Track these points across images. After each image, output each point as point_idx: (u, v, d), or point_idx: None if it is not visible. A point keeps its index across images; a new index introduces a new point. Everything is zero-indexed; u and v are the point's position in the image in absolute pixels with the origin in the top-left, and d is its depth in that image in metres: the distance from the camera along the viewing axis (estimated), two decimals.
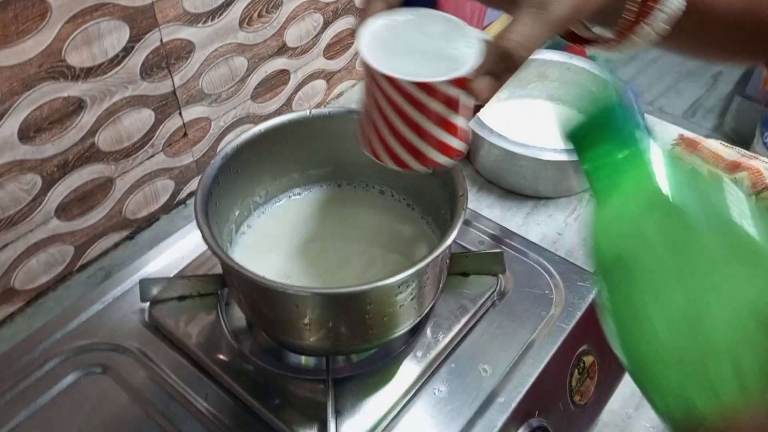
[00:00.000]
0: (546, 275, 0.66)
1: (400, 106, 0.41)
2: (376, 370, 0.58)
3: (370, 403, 0.56)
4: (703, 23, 0.45)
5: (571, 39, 0.48)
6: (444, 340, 0.60)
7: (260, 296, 0.52)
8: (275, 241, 0.60)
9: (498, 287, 0.64)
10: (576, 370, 0.62)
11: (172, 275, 0.65)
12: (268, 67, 0.83)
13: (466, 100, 0.41)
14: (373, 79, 0.41)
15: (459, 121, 0.43)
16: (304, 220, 0.62)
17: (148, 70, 0.69)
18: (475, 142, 0.87)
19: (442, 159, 0.44)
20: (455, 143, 0.44)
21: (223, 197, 0.57)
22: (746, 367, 0.27)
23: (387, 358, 0.59)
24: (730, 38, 0.47)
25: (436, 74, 0.39)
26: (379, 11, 0.42)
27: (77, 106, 0.65)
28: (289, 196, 0.65)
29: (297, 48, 0.86)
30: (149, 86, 0.70)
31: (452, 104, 0.41)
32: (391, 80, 0.40)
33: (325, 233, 0.61)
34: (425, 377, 0.58)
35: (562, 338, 0.61)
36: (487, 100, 0.40)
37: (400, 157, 0.44)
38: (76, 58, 0.62)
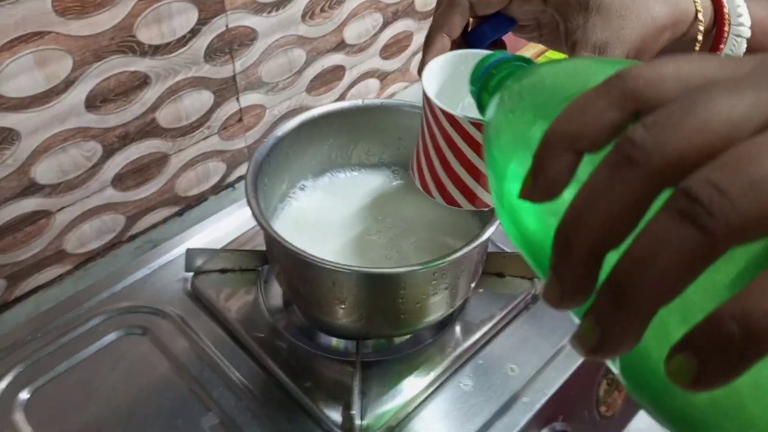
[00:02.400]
0: None
1: (458, 145, 0.42)
2: (404, 358, 0.59)
3: (396, 389, 0.57)
4: None
5: None
6: (474, 337, 0.61)
7: (299, 271, 0.53)
8: (319, 220, 0.62)
9: (533, 291, 0.65)
10: (605, 381, 0.62)
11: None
12: (325, 62, 0.86)
13: None
14: (433, 115, 0.42)
15: None
16: (352, 201, 0.64)
17: (211, 54, 0.72)
18: None
19: (491, 201, 0.44)
20: None
21: (272, 175, 0.59)
22: None
23: (416, 347, 0.60)
24: None
25: None
26: (442, 49, 0.43)
27: (142, 81, 0.68)
28: (338, 178, 0.66)
29: (355, 45, 0.88)
30: (211, 69, 0.73)
31: None
32: (450, 118, 0.41)
33: (370, 215, 0.63)
34: (452, 370, 0.59)
35: None
36: None
37: (452, 195, 0.45)
38: (146, 35, 0.65)
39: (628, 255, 0.18)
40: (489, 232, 0.51)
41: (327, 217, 0.62)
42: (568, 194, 0.23)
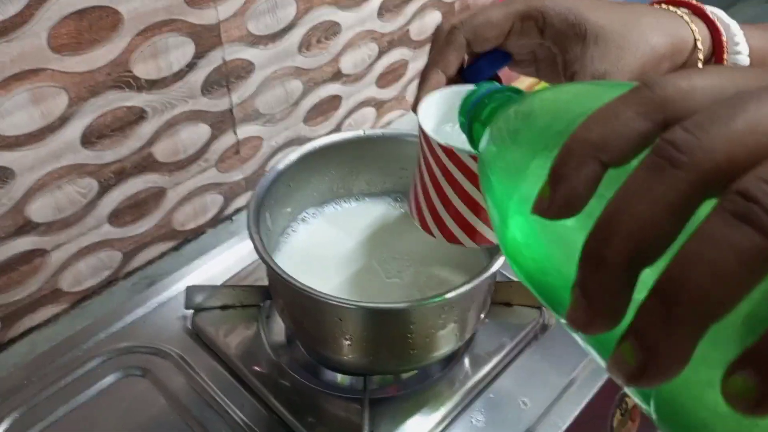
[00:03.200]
0: None
1: (457, 180, 0.41)
2: (413, 394, 0.58)
3: (406, 427, 0.55)
4: None
5: None
6: (484, 369, 0.59)
7: (304, 307, 0.52)
8: (322, 253, 0.60)
9: (542, 320, 0.63)
10: (618, 411, 0.61)
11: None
12: (322, 92, 0.85)
13: None
14: (431, 150, 0.41)
15: None
16: (354, 232, 0.63)
17: (208, 87, 0.71)
18: None
19: (493, 237, 0.43)
20: None
21: (273, 208, 0.58)
22: None
23: (425, 382, 0.59)
24: None
25: None
26: (437, 85, 0.42)
27: (139, 116, 0.67)
28: (340, 208, 0.65)
29: (351, 75, 0.88)
30: (208, 102, 0.72)
31: None
32: (448, 152, 0.40)
33: (374, 247, 0.62)
34: (463, 405, 0.57)
35: (605, 376, 0.60)
36: None
37: (453, 233, 0.44)
38: (143, 70, 0.65)
39: (678, 262, 0.16)
40: (499, 263, 0.50)
41: (330, 250, 0.61)
42: (574, 221, 0.21)
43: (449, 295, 0.47)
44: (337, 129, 0.91)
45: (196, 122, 0.72)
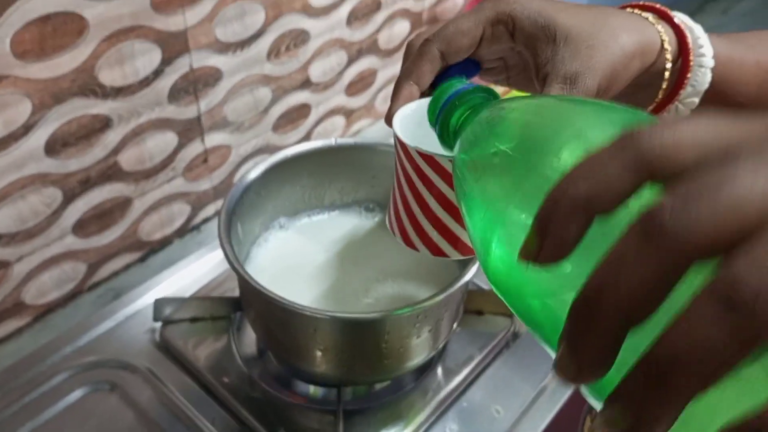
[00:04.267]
0: None
1: (437, 186, 0.40)
2: (387, 405, 0.57)
3: None
4: (721, 103, 0.45)
5: None
6: (457, 379, 0.59)
7: (278, 318, 0.51)
8: (294, 263, 0.60)
9: (513, 328, 0.64)
10: (589, 417, 0.61)
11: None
12: (291, 100, 0.85)
13: None
14: (409, 158, 0.40)
15: None
16: (326, 243, 0.62)
17: (175, 94, 0.70)
18: None
19: None
20: None
21: (244, 218, 0.57)
22: None
23: (398, 393, 0.58)
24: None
25: None
26: (410, 98, 0.42)
27: (104, 124, 0.65)
28: (311, 219, 0.65)
29: (320, 83, 0.87)
30: (175, 110, 0.71)
31: None
32: (426, 158, 0.39)
33: (346, 258, 0.61)
34: (437, 414, 0.57)
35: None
36: None
37: (436, 243, 0.43)
38: (108, 77, 0.63)
39: (669, 339, 0.18)
40: (471, 272, 0.51)
41: (302, 260, 0.60)
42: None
43: (424, 305, 0.47)
44: (307, 137, 0.91)
45: (163, 130, 0.71)
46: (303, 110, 0.88)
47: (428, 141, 0.41)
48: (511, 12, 0.41)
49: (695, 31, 0.42)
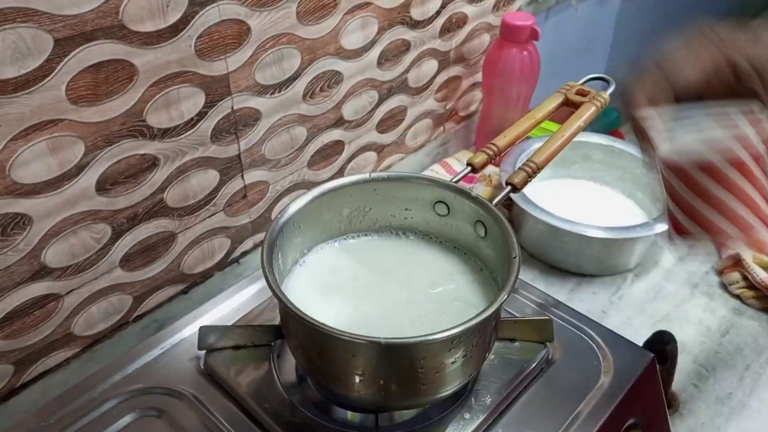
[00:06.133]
0: (594, 345, 0.67)
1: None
2: (423, 431, 0.59)
3: None
4: None
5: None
6: (491, 405, 0.60)
7: (318, 343, 0.53)
8: (331, 289, 0.62)
9: (546, 355, 0.65)
10: None
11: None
12: (325, 138, 0.88)
13: None
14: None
15: None
16: (362, 268, 0.65)
17: (218, 134, 0.74)
18: (519, 217, 0.89)
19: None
20: None
21: (284, 248, 0.60)
22: None
23: (433, 420, 0.60)
24: None
25: None
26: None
27: (152, 163, 0.69)
28: (349, 242, 0.68)
29: (353, 121, 0.91)
30: (217, 149, 0.75)
31: None
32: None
33: (380, 282, 0.63)
34: None
35: (610, 410, 0.61)
36: None
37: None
38: (155, 119, 0.67)
39: None
40: (503, 297, 0.52)
41: (341, 283, 0.62)
42: None
43: (459, 330, 0.49)
44: (340, 173, 0.94)
45: (206, 168, 0.75)
46: (337, 147, 0.91)
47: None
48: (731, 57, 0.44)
49: None
